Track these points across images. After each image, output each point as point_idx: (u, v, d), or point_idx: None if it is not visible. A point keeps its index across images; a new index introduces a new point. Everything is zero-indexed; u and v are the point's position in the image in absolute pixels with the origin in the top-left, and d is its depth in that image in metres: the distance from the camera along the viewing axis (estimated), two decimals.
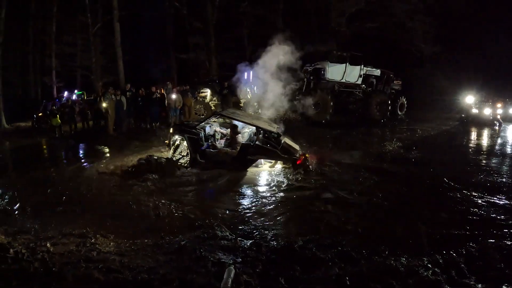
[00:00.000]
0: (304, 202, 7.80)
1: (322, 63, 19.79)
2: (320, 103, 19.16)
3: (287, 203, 7.82)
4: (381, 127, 18.47)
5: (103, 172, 10.73)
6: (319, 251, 5.12)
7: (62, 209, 7.86)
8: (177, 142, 11.35)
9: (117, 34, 26.08)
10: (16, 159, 14.95)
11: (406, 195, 8.26)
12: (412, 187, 8.77)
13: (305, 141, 13.61)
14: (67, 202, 8.39)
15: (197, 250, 5.10)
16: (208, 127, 11.68)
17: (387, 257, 5.10)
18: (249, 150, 10.21)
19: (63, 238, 5.92)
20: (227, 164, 10.34)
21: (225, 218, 6.94)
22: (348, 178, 9.54)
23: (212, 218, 6.82)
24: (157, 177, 9.65)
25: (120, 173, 10.40)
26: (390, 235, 6.06)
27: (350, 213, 7.03)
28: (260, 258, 4.94)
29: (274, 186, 9.05)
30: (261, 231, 6.22)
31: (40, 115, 23.29)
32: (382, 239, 5.78)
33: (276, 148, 10.06)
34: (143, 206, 7.75)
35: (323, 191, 8.42)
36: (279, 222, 6.76)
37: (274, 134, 10.47)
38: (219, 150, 10.97)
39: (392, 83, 21.47)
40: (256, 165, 10.48)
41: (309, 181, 9.20)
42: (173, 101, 18.43)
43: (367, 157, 11.89)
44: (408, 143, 14.03)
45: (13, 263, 4.77)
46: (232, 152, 10.67)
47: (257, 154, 10.21)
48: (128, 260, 5.01)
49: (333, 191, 8.43)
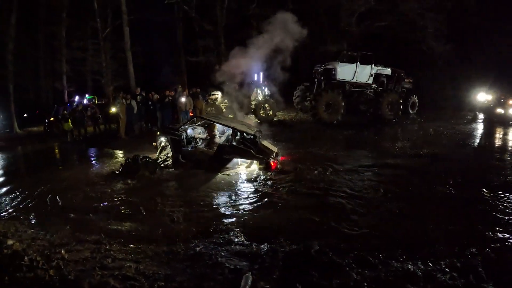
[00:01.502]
0: (315, 206, 7.64)
1: (332, 63, 19.66)
2: (331, 103, 19.02)
3: (295, 206, 7.68)
4: (393, 127, 18.29)
5: (110, 174, 10.96)
6: (335, 255, 5.05)
7: (74, 213, 7.86)
8: (162, 143, 11.71)
9: (127, 38, 26.16)
10: (28, 163, 15.04)
11: (421, 196, 8.11)
12: (427, 188, 8.61)
13: (320, 143, 13.50)
14: (78, 206, 8.42)
15: (213, 257, 5.06)
16: (190, 129, 12.20)
17: (404, 261, 5.02)
18: (225, 150, 10.70)
19: (77, 245, 5.90)
20: (204, 163, 10.81)
21: (238, 222, 6.86)
22: (359, 180, 9.42)
23: (227, 222, 6.76)
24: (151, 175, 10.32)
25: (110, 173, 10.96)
26: (405, 238, 5.94)
27: (363, 216, 6.91)
28: (276, 264, 4.87)
29: (276, 187, 8.96)
30: (275, 235, 6.12)
31: (52, 120, 23.41)
32: (397, 242, 5.67)
33: (250, 149, 10.50)
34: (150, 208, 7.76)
35: (334, 194, 8.29)
36: (291, 226, 6.63)
37: (250, 136, 10.91)
38: (195, 149, 11.59)
39: (403, 81, 21.24)
40: (232, 167, 10.82)
41: (317, 184, 9.09)
42: (183, 104, 18.43)
43: (380, 158, 11.74)
44: (420, 142, 13.82)
45: (28, 271, 4.77)
46: (208, 151, 11.31)
47: (232, 154, 10.66)
48: (144, 267, 4.98)
49: (344, 193, 8.30)
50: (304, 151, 12.92)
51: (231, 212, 7.35)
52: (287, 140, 15.06)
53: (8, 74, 25.75)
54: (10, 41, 25.30)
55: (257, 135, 11.05)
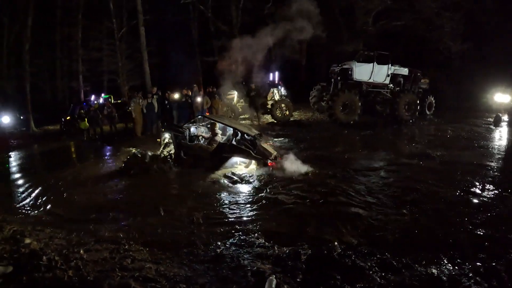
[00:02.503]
0: (333, 208, 7.52)
1: (349, 63, 19.50)
2: (348, 103, 18.89)
3: (311, 209, 7.57)
4: (410, 128, 18.04)
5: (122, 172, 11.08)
6: (358, 259, 4.94)
7: (92, 211, 7.91)
8: (166, 140, 12.21)
9: (142, 38, 26.29)
10: (45, 161, 15.24)
11: (443, 199, 7.93)
12: (450, 191, 8.43)
13: (337, 143, 13.37)
14: (95, 204, 8.48)
15: (234, 259, 5.00)
16: (194, 128, 12.61)
17: (427, 265, 4.90)
18: (225, 149, 10.97)
19: (96, 244, 5.87)
20: (204, 159, 11.10)
21: (257, 224, 6.79)
22: (378, 182, 9.29)
23: (246, 224, 6.70)
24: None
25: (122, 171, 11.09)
26: (428, 241, 5.82)
27: (384, 219, 6.77)
28: (299, 267, 4.79)
29: (293, 188, 8.83)
30: (295, 238, 6.04)
31: (68, 119, 23.61)
32: (420, 246, 5.56)
33: (250, 149, 10.74)
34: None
35: (353, 197, 8.16)
36: (310, 229, 6.52)
37: (250, 137, 11.14)
38: (194, 144, 11.82)
39: (420, 82, 20.98)
40: (231, 166, 11.06)
41: (336, 185, 8.98)
42: (199, 103, 18.44)
43: (399, 160, 11.57)
44: (439, 144, 13.54)
45: (47, 271, 4.73)
46: (208, 147, 11.47)
47: (232, 152, 10.91)
48: (165, 268, 4.92)
49: (363, 196, 8.18)
50: (320, 152, 12.81)
51: (248, 214, 7.27)
52: (304, 141, 15.01)
53: (25, 74, 26.06)
54: (26, 42, 25.58)
55: (257, 137, 11.27)
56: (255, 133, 11.50)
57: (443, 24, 25.18)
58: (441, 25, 25.24)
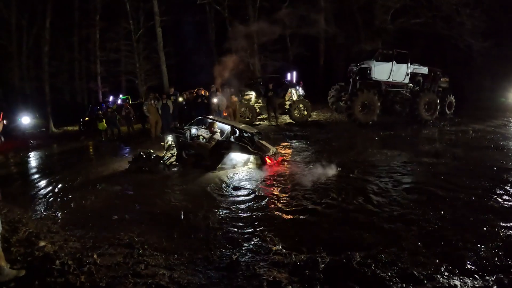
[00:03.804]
0: (352, 213, 7.24)
1: (367, 62, 19.19)
2: (367, 103, 18.60)
3: (334, 211, 7.35)
4: (430, 128, 17.67)
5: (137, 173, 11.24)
6: (378, 268, 4.74)
7: (108, 213, 7.87)
8: (169, 142, 12.66)
9: (160, 39, 26.49)
10: (64, 161, 15.29)
11: (467, 207, 7.55)
12: (474, 198, 8.07)
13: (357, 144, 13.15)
14: (112, 205, 8.45)
15: (250, 266, 4.85)
16: (195, 129, 12.90)
17: (450, 277, 4.68)
18: (223, 145, 11.32)
19: (110, 248, 5.80)
20: (204, 157, 11.41)
21: (273, 229, 6.60)
22: (400, 187, 9.02)
23: (262, 229, 6.53)
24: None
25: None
26: (449, 251, 5.56)
27: (405, 225, 6.53)
28: (317, 277, 4.61)
29: (311, 192, 8.59)
30: (313, 245, 5.86)
31: (87, 119, 23.89)
32: (442, 256, 5.32)
33: (247, 145, 11.10)
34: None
35: (371, 200, 7.96)
36: (329, 235, 6.31)
37: (248, 134, 11.56)
38: (193, 141, 12.10)
39: (440, 80, 20.62)
40: (229, 163, 11.36)
41: (356, 189, 8.76)
42: (215, 104, 18.39)
43: (421, 162, 11.26)
44: (463, 146, 13.11)
45: (59, 275, 4.69)
46: (206, 144, 11.72)
47: (230, 149, 11.18)
48: (178, 275, 4.80)
49: (385, 201, 7.90)
50: (339, 154, 12.56)
51: (265, 219, 7.07)
52: (323, 142, 14.83)
53: (44, 76, 26.44)
54: (45, 44, 25.93)
55: (255, 135, 11.69)
56: (253, 131, 11.90)
57: (464, 21, 24.68)
58: (462, 22, 24.74)
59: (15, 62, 29.36)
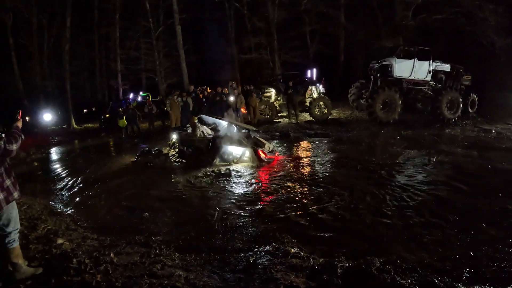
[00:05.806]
0: (371, 215, 7.10)
1: (389, 60, 18.89)
2: (388, 101, 18.34)
3: (352, 213, 7.25)
4: (453, 127, 17.34)
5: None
6: (398, 275, 4.56)
7: (126, 211, 7.92)
8: (173, 140, 13.40)
9: (179, 37, 26.53)
10: (84, 158, 15.54)
11: (491, 213, 7.24)
12: (497, 204, 7.79)
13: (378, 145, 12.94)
14: (131, 204, 8.43)
15: (267, 269, 4.76)
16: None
17: (470, 285, 4.52)
18: (219, 139, 11.88)
19: (127, 247, 5.74)
20: (202, 151, 11.99)
21: (290, 231, 6.48)
22: (426, 191, 8.83)
23: (280, 231, 6.43)
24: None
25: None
26: (470, 259, 5.36)
27: (427, 231, 6.34)
28: (335, 282, 4.49)
29: (327, 193, 8.48)
30: (331, 249, 5.74)
31: (107, 117, 24.10)
32: (462, 264, 5.13)
33: (243, 139, 11.83)
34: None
35: (391, 203, 7.79)
36: (349, 237, 6.21)
37: (244, 130, 12.35)
38: (193, 135, 12.77)
39: (462, 78, 20.25)
40: (237, 161, 11.81)
41: (376, 193, 8.59)
42: (233, 103, 18.36)
43: (442, 161, 11.04)
44: (488, 147, 12.79)
45: (76, 274, 4.64)
46: (204, 138, 12.50)
47: (225, 143, 11.77)
48: (194, 276, 4.72)
49: (405, 205, 7.72)
50: (360, 153, 12.41)
51: (282, 220, 7.01)
52: (343, 141, 14.69)
53: (65, 74, 26.77)
54: (66, 43, 26.25)
55: (251, 130, 12.65)
56: (250, 128, 12.87)
57: (487, 17, 24.14)
58: (484, 18, 24.20)
59: (36, 61, 29.82)
